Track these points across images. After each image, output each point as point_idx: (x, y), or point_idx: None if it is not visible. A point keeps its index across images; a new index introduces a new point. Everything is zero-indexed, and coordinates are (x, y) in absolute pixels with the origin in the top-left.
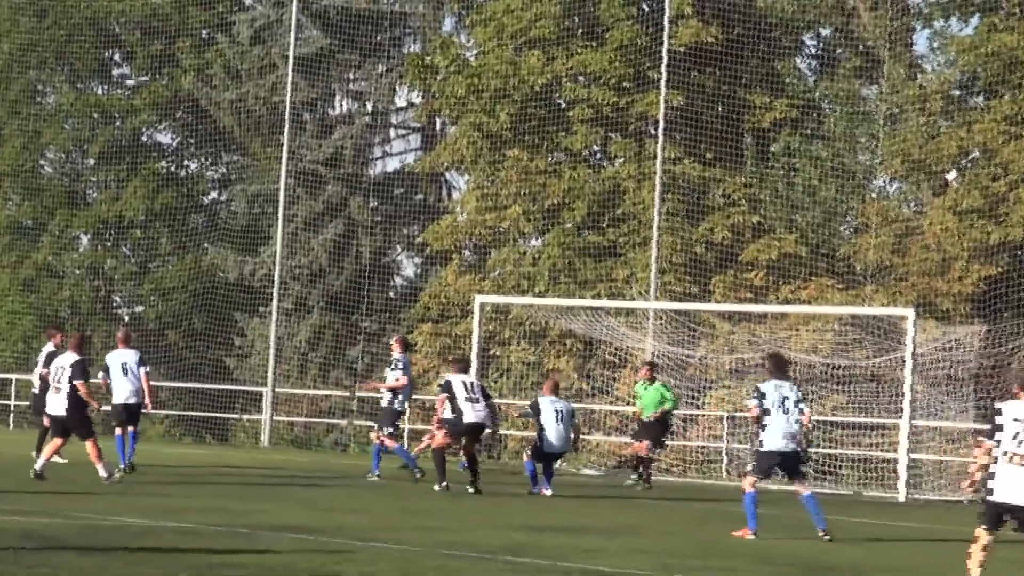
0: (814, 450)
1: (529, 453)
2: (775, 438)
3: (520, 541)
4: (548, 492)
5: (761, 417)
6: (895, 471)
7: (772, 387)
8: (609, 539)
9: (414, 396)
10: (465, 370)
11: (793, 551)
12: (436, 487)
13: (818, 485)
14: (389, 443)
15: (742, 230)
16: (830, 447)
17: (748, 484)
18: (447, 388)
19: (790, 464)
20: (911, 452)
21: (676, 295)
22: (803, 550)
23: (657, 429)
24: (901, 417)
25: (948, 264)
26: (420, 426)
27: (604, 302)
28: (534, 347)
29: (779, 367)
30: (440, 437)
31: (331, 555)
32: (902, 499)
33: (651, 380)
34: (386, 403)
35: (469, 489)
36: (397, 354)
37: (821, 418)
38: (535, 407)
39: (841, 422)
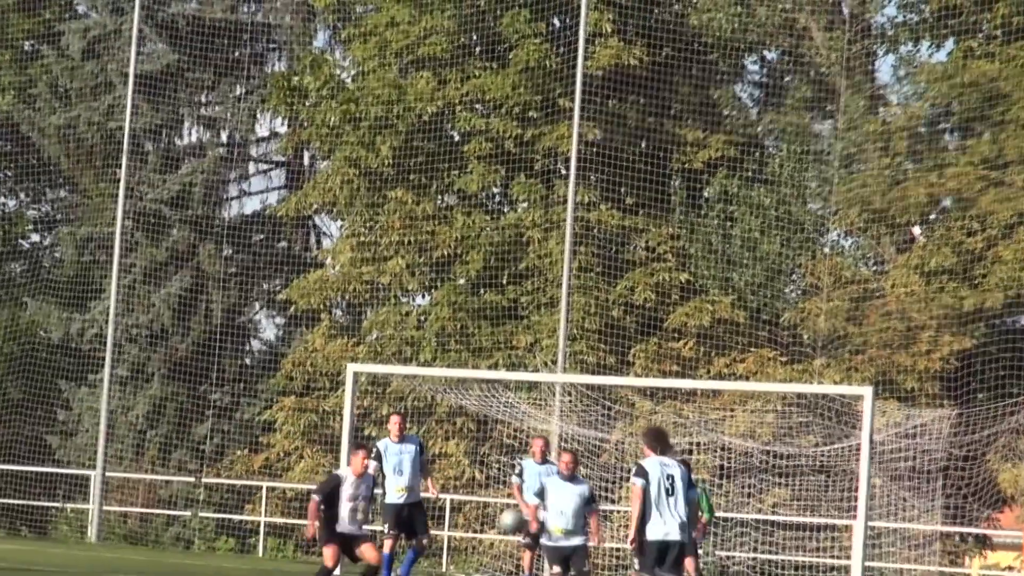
0: (750, 555)
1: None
2: (660, 525)
3: None
4: None
5: (644, 499)
6: None
7: (656, 465)
8: None
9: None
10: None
11: None
12: None
13: None
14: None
15: (668, 290)
16: (770, 551)
17: None
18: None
19: (675, 556)
20: (867, 559)
21: (588, 367)
22: None
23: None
24: (855, 517)
25: (913, 335)
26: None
27: (502, 374)
28: (418, 427)
29: (661, 442)
30: None
31: None
32: None
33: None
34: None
35: None
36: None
37: (760, 517)
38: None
39: (784, 522)
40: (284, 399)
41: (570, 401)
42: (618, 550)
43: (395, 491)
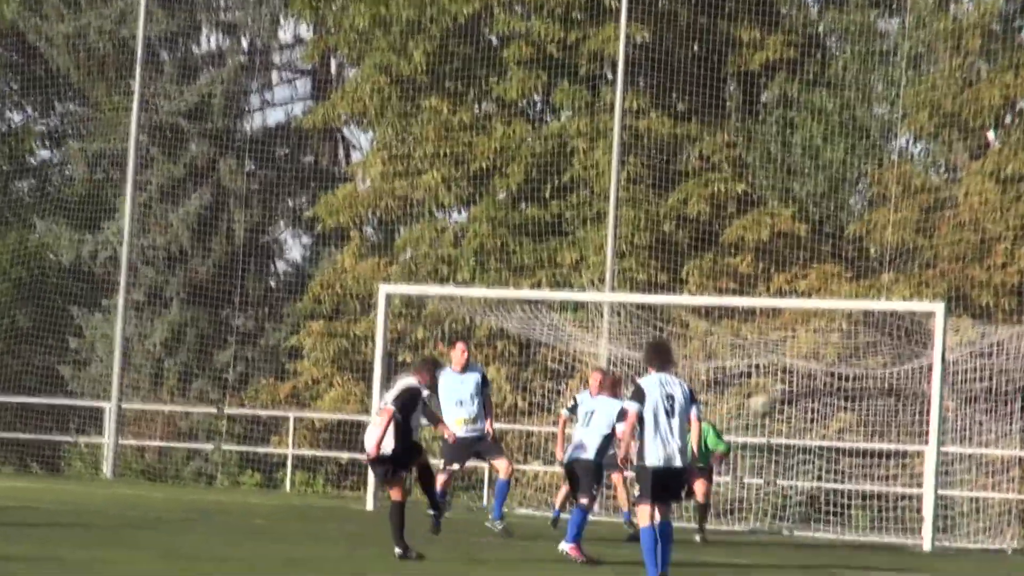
0: (814, 484)
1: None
2: (659, 449)
3: None
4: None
5: (641, 425)
6: (919, 511)
7: (655, 385)
8: None
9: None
10: None
11: None
12: None
13: (820, 528)
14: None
15: (724, 202)
16: (835, 480)
17: (643, 516)
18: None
19: (672, 484)
20: (940, 487)
21: (638, 285)
22: None
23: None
24: (927, 443)
25: (988, 246)
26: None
27: (546, 293)
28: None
29: (662, 357)
30: None
31: None
32: (927, 547)
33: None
34: None
35: None
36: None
37: (824, 444)
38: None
39: (850, 449)
40: (312, 324)
41: (619, 322)
42: None
43: (456, 424)
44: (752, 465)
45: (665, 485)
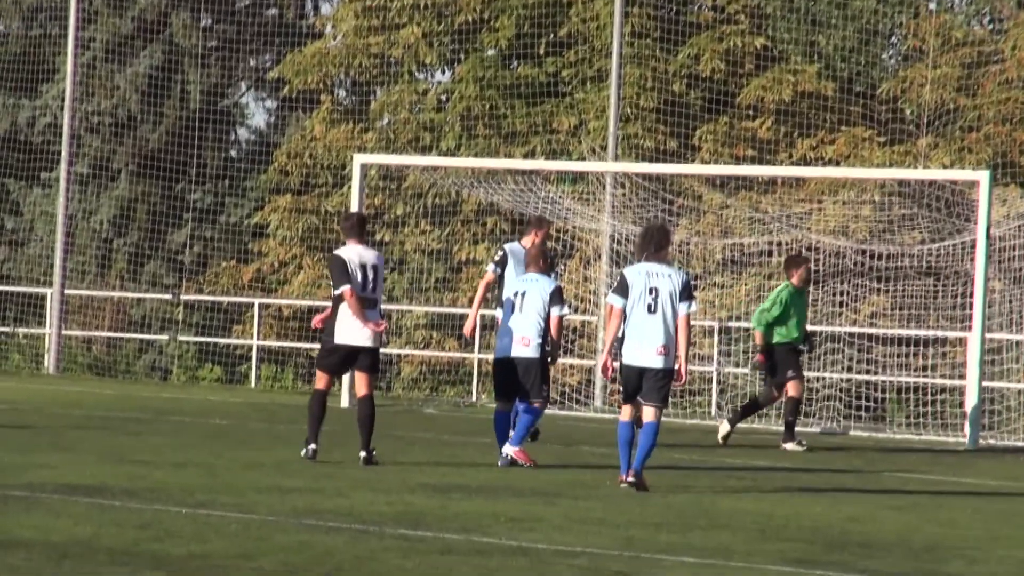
0: (843, 376)
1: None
2: (634, 348)
3: (419, 508)
4: None
5: (623, 319)
6: (961, 405)
7: (640, 275)
8: (548, 504)
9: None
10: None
11: (810, 518)
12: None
13: (853, 425)
14: None
15: (740, 59)
16: (867, 371)
17: (624, 412)
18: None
19: (649, 384)
20: (985, 378)
21: (645, 153)
22: (824, 517)
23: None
24: (970, 329)
25: None
26: None
27: (541, 163)
28: (440, 229)
29: (651, 243)
30: None
31: (145, 528)
32: (970, 444)
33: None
34: None
35: None
36: None
37: (855, 330)
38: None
39: (883, 336)
40: (278, 198)
41: (623, 194)
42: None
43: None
44: None
45: (638, 386)
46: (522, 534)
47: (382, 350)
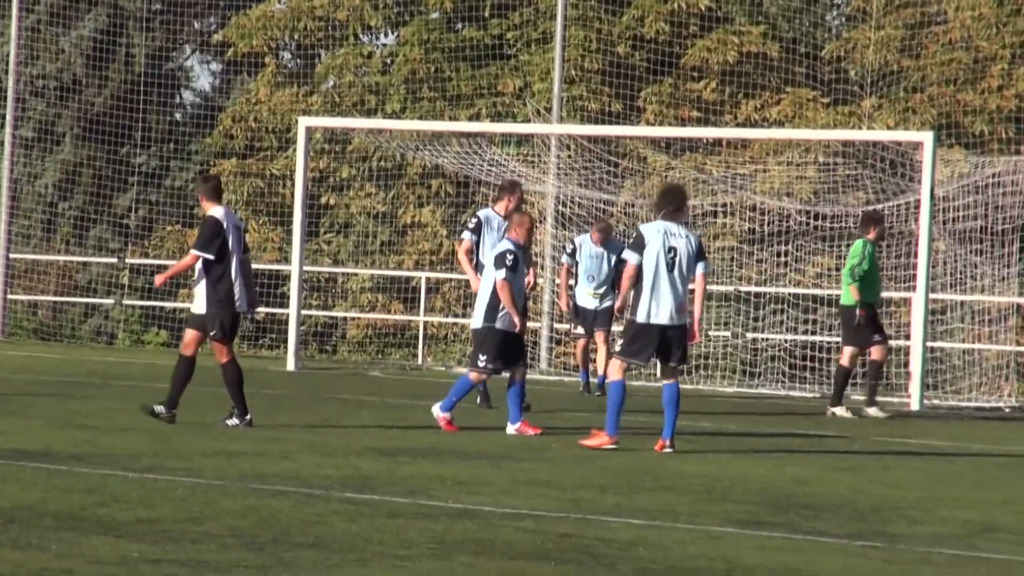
0: (787, 337)
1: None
2: (655, 305)
3: (365, 471)
4: None
5: (639, 276)
6: (906, 366)
7: (658, 233)
8: (494, 467)
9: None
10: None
11: (755, 480)
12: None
13: (795, 386)
14: None
15: (685, 20)
16: (810, 332)
17: (615, 370)
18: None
19: (670, 343)
20: (929, 339)
21: (590, 115)
22: (770, 478)
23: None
24: (915, 289)
25: (983, 68)
26: None
27: (486, 125)
28: (385, 192)
29: (672, 202)
30: None
31: (92, 493)
32: (915, 406)
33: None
34: None
35: None
36: None
37: (799, 291)
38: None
39: (828, 296)
40: (223, 162)
41: (569, 157)
42: None
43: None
44: (717, 316)
45: (653, 344)
46: (469, 497)
47: (326, 313)
